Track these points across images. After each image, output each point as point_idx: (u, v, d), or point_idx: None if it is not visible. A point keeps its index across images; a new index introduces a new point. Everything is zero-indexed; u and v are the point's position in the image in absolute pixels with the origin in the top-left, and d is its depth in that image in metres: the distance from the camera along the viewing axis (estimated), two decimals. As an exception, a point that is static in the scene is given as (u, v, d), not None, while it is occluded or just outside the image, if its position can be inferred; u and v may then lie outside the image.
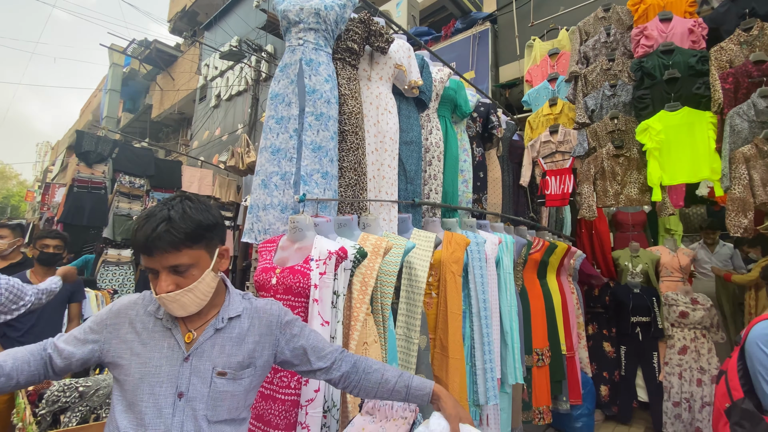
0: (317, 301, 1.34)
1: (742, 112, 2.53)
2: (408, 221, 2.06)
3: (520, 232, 3.10)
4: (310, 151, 1.62)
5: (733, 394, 1.76)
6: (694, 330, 3.48)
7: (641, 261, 3.88)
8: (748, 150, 2.48)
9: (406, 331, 1.80)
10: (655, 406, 3.51)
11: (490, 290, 2.35)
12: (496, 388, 2.15)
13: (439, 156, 2.43)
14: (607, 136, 3.03)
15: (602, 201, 3.02)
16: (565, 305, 3.29)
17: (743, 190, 2.47)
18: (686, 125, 2.71)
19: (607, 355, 3.71)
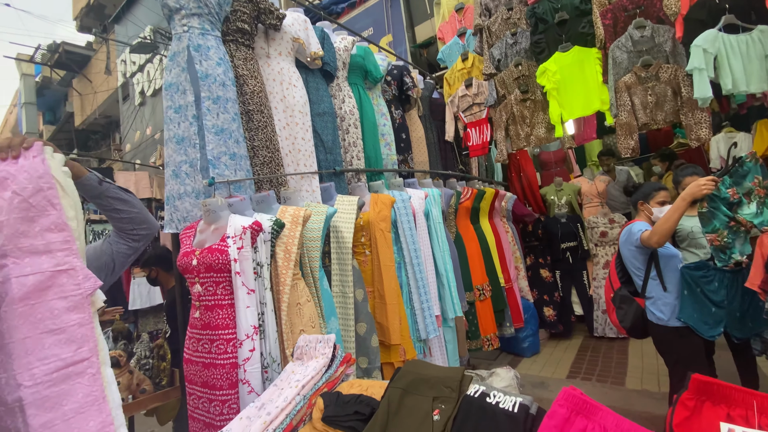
0: (239, 273, 1.45)
1: (621, 45, 2.79)
2: (330, 189, 2.17)
3: (450, 185, 3.31)
4: (213, 135, 1.67)
5: (613, 285, 2.22)
6: (613, 245, 3.92)
7: (565, 193, 4.25)
8: (629, 78, 2.76)
9: (342, 287, 1.95)
10: (589, 316, 3.98)
11: (421, 240, 2.53)
12: (435, 323, 2.38)
13: (356, 123, 2.52)
14: (513, 83, 3.23)
15: (516, 144, 3.27)
16: (500, 244, 3.59)
17: (628, 116, 2.77)
18: (577, 63, 2.95)
19: (545, 281, 4.11)
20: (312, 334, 1.67)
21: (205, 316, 1.46)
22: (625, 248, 2.10)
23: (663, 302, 1.97)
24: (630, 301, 2.07)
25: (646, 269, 2.05)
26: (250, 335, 1.43)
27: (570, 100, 2.97)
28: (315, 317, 1.72)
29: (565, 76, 2.96)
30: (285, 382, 1.29)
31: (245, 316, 1.44)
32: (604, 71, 2.88)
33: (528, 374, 3.31)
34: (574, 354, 3.66)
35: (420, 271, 2.42)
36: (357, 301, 2.00)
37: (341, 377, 1.32)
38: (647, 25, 2.68)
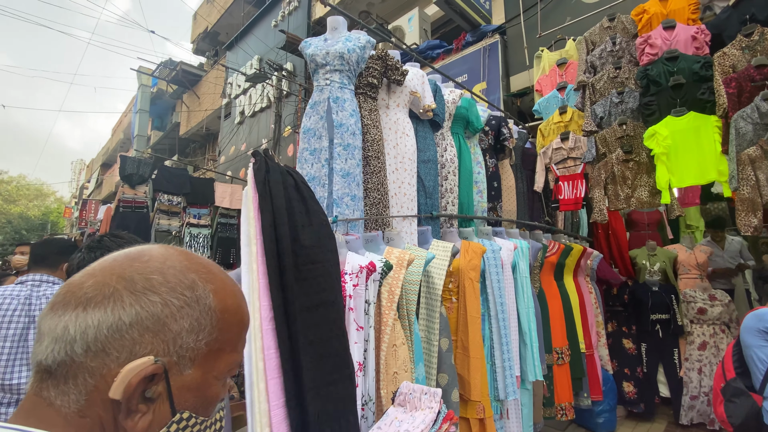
0: (352, 309, 1.54)
1: (746, 115, 2.60)
2: (427, 233, 2.24)
3: (536, 237, 3.23)
4: (340, 178, 1.83)
5: (726, 375, 1.96)
6: (713, 326, 3.51)
7: (659, 259, 3.92)
8: (754, 151, 2.55)
9: (427, 334, 1.97)
10: (677, 400, 3.55)
11: (507, 294, 2.48)
12: (515, 384, 2.29)
13: (454, 171, 2.59)
14: (616, 142, 3.13)
15: (614, 204, 3.12)
16: (583, 305, 3.39)
17: (751, 191, 2.54)
18: (692, 129, 2.79)
19: (628, 352, 3.77)
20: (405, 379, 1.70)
21: (316, 347, 1.56)
22: (748, 336, 1.85)
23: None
24: (745, 395, 1.83)
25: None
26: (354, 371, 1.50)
27: (681, 166, 2.79)
28: (408, 361, 1.76)
29: (677, 142, 2.81)
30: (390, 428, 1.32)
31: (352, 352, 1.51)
32: (723, 141, 2.69)
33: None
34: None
35: (505, 326, 2.36)
36: (441, 350, 2.00)
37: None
38: (781, 97, 2.48)
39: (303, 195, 1.11)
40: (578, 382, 3.14)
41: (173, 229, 5.05)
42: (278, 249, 0.98)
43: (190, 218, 5.27)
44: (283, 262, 0.96)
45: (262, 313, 0.93)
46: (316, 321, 0.98)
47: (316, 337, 0.95)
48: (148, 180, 5.06)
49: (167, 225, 5.10)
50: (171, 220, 5.11)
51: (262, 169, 1.06)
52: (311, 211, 1.10)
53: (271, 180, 1.05)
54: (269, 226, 0.98)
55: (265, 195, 1.02)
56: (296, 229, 1.04)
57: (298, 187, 1.12)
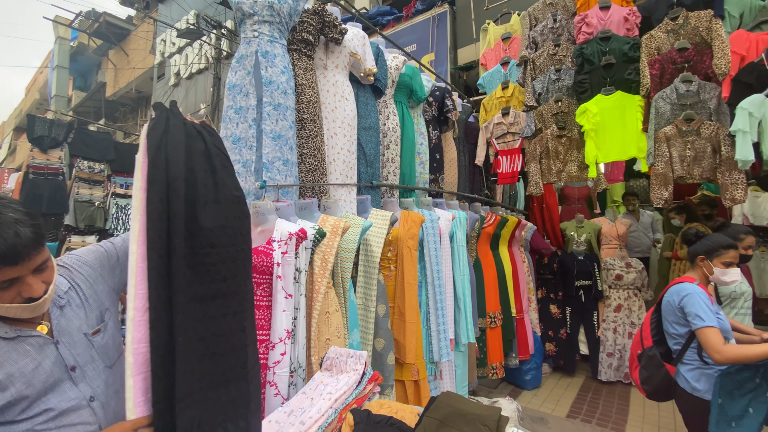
0: (280, 277, 1.49)
1: (666, 96, 2.81)
2: (367, 202, 2.21)
3: (475, 209, 3.33)
4: (270, 140, 1.72)
5: (644, 343, 2.06)
6: (627, 290, 3.91)
7: (585, 231, 4.24)
8: (670, 130, 2.78)
9: (365, 300, 1.99)
10: (594, 357, 3.96)
11: (444, 262, 2.56)
12: (449, 347, 2.40)
13: (396, 140, 2.56)
14: (551, 118, 3.26)
15: (547, 178, 3.29)
16: (516, 273, 3.60)
17: (665, 166, 2.78)
18: (618, 108, 2.97)
19: (553, 316, 4.10)
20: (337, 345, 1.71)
21: (242, 315, 1.50)
22: (668, 309, 1.91)
23: (702, 372, 1.79)
24: (658, 365, 1.92)
25: (689, 338, 1.86)
26: (283, 339, 1.47)
27: (607, 143, 2.99)
28: (341, 328, 1.76)
29: (605, 119, 2.99)
30: (315, 392, 1.31)
31: (281, 320, 1.47)
32: (644, 119, 2.90)
33: (528, 408, 3.30)
34: (575, 393, 3.63)
35: (440, 292, 2.44)
36: (378, 315, 2.03)
37: (369, 395, 1.34)
38: (694, 81, 2.71)
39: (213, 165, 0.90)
40: (509, 344, 3.38)
41: (96, 199, 4.57)
42: (169, 228, 0.82)
43: (116, 188, 4.80)
44: (173, 243, 0.81)
45: (136, 303, 0.79)
46: (211, 314, 0.84)
47: (209, 332, 0.82)
48: (63, 144, 4.49)
49: (89, 195, 4.61)
50: (93, 189, 4.62)
51: (159, 128, 0.86)
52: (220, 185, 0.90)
53: (170, 144, 0.85)
54: (158, 200, 0.80)
55: (158, 163, 0.82)
56: (196, 205, 0.85)
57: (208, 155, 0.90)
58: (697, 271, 1.96)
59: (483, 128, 3.65)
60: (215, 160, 0.91)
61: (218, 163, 0.92)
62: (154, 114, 0.91)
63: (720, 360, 1.63)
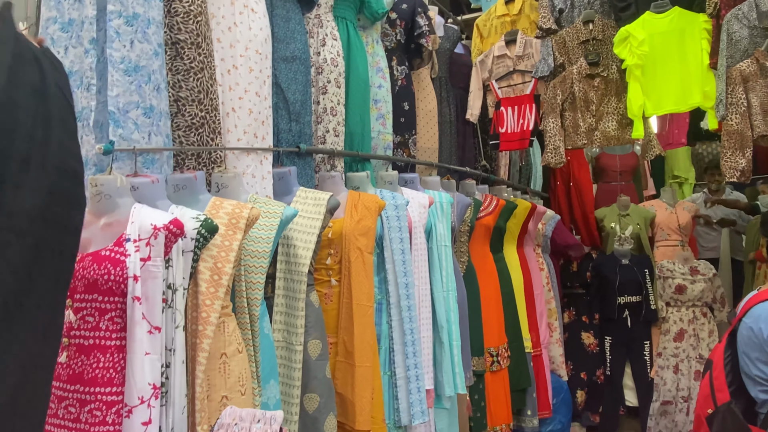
0: (139, 299, 1.43)
1: (742, 15, 2.94)
2: (289, 177, 2.17)
3: (466, 188, 3.38)
4: (121, 75, 1.63)
5: (716, 395, 2.00)
6: (692, 308, 4.11)
7: (632, 221, 4.42)
8: (748, 66, 2.91)
9: (286, 335, 1.96)
10: (645, 410, 4.15)
11: (416, 271, 2.57)
12: (424, 402, 2.42)
13: (339, 80, 2.54)
14: (579, 48, 3.35)
15: (572, 140, 3.39)
16: (530, 287, 3.69)
17: (741, 120, 2.92)
18: (676, 32, 3.09)
19: (587, 350, 4.26)
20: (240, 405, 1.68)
21: (75, 362, 1.43)
22: (749, 341, 1.89)
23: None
24: (741, 428, 1.88)
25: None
26: (146, 399, 1.42)
27: (660, 86, 3.10)
28: (247, 378, 1.73)
29: (657, 50, 3.09)
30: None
31: (142, 368, 1.42)
32: (713, 51, 3.03)
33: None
34: (619, 465, 3.80)
35: (411, 318, 2.46)
36: (309, 358, 2.02)
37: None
38: (783, -7, 2.85)
39: (48, 112, 0.85)
40: (521, 396, 3.46)
41: None
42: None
43: None
44: None
45: None
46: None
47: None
48: None
49: None
50: None
51: None
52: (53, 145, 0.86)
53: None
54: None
55: None
56: (6, 167, 0.82)
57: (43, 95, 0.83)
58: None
59: (477, 64, 3.69)
60: (53, 105, 0.86)
61: (57, 112, 0.87)
62: None
63: None
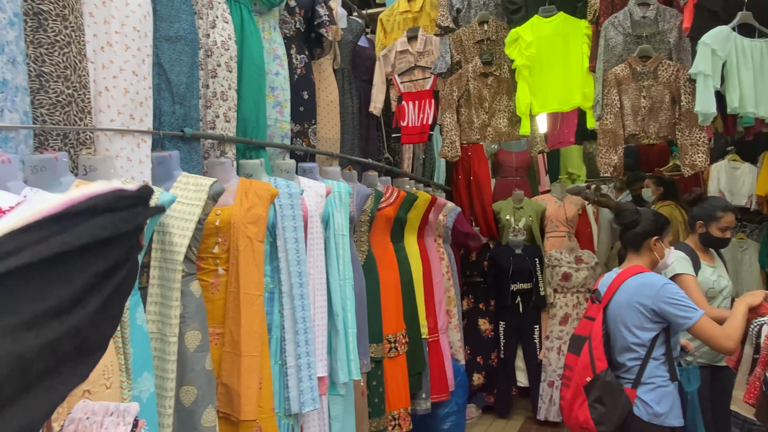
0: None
1: (618, 23, 3.09)
2: (170, 162, 2.03)
3: (368, 180, 3.34)
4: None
5: (596, 365, 2.15)
6: (576, 294, 4.31)
7: (525, 213, 4.57)
8: (622, 70, 3.07)
9: (160, 326, 1.84)
10: (535, 389, 4.31)
11: (311, 260, 2.51)
12: (315, 389, 2.37)
13: (230, 64, 2.41)
14: (474, 47, 3.39)
15: (467, 135, 3.44)
16: (429, 275, 3.72)
17: (614, 120, 3.07)
18: (561, 36, 3.20)
19: (483, 335, 4.37)
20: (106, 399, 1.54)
21: None
22: (630, 311, 2.10)
23: (663, 392, 2.07)
24: (618, 393, 2.08)
25: (651, 345, 2.08)
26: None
27: (545, 86, 3.20)
28: (113, 371, 1.60)
29: (543, 52, 3.19)
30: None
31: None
32: (592, 55, 3.16)
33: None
34: (509, 443, 3.92)
35: (304, 307, 2.40)
36: (187, 349, 1.90)
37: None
38: (653, 4, 3.02)
39: None
40: (417, 379, 3.47)
41: None
42: None
43: None
44: None
45: None
46: None
47: None
48: None
49: None
50: None
51: None
52: None
53: None
54: None
55: None
56: None
57: None
58: (644, 258, 2.21)
59: (381, 58, 3.66)
60: None
61: None
62: None
63: (732, 346, 1.94)
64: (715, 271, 2.59)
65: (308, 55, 3.04)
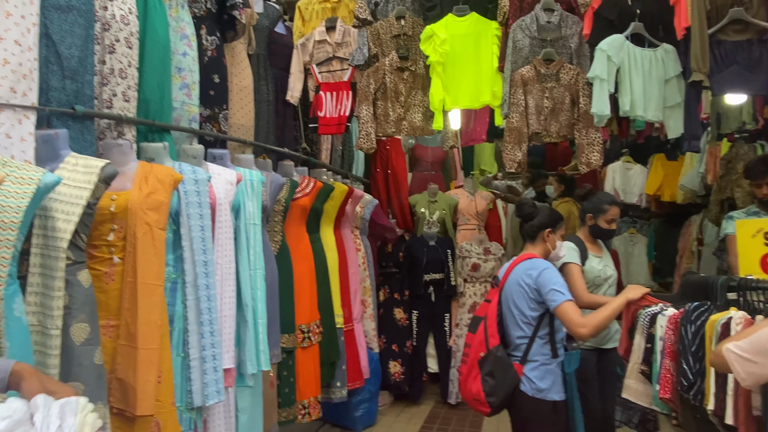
0: None
1: (525, 26, 3.18)
2: (57, 141, 1.85)
3: (284, 170, 3.25)
4: None
5: (489, 341, 2.31)
6: (485, 283, 4.44)
7: (439, 207, 4.65)
8: (528, 71, 3.17)
9: (41, 318, 1.67)
10: (445, 375, 4.41)
11: (219, 249, 2.41)
12: (220, 382, 2.26)
13: (130, 39, 2.22)
14: (391, 41, 3.38)
15: (383, 128, 3.42)
16: (345, 266, 3.68)
17: (519, 119, 3.16)
18: (473, 36, 3.25)
19: (398, 324, 4.39)
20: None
21: None
22: (518, 291, 2.27)
23: (546, 369, 2.23)
24: (507, 366, 2.23)
25: (537, 324, 2.25)
26: None
27: (458, 83, 3.24)
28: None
29: (456, 50, 3.23)
30: None
31: None
32: (501, 55, 3.23)
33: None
34: (418, 427, 3.97)
35: (209, 297, 2.28)
36: (72, 343, 1.74)
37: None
38: (557, 10, 3.13)
39: None
40: (330, 369, 3.43)
41: None
42: None
43: None
44: None
45: None
46: None
47: None
48: None
49: None
50: None
51: None
52: None
53: None
54: None
55: None
56: None
57: None
58: (538, 248, 2.39)
59: (299, 46, 3.56)
60: None
61: None
62: None
63: (586, 333, 2.10)
64: (601, 261, 2.79)
65: (220, 38, 2.88)
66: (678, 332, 1.92)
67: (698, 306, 1.88)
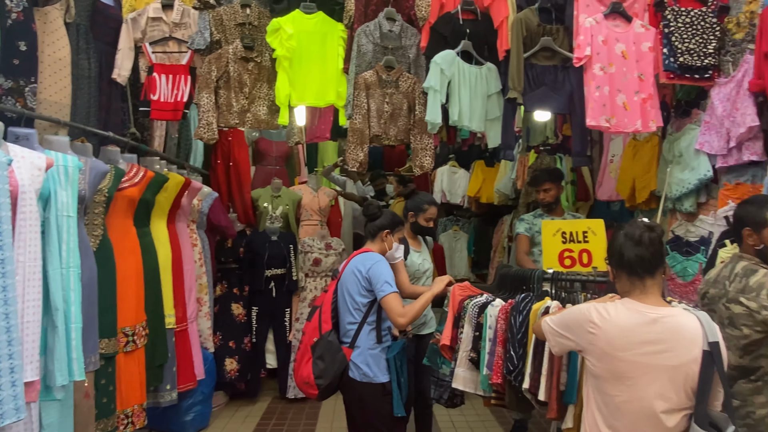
0: None
1: (369, 32, 3.24)
2: None
3: (108, 155, 2.95)
4: None
5: (322, 327, 2.40)
6: (325, 278, 4.45)
7: (282, 202, 4.56)
8: (371, 76, 3.23)
9: None
10: (284, 370, 4.32)
11: (19, 243, 2.08)
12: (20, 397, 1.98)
13: None
14: (235, 29, 3.21)
15: (225, 119, 3.25)
16: (179, 263, 3.41)
17: (362, 121, 3.22)
18: (319, 35, 3.23)
19: (236, 320, 4.20)
20: None
21: None
22: (351, 280, 2.40)
23: (371, 354, 2.36)
24: (336, 350, 2.33)
25: (366, 311, 2.38)
26: None
27: (304, 80, 3.20)
28: None
29: (303, 47, 3.17)
30: None
31: None
32: (347, 57, 3.25)
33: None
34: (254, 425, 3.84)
35: (7, 301, 1.97)
36: None
37: None
38: (398, 20, 3.25)
39: None
40: (157, 373, 3.16)
41: None
42: None
43: None
44: None
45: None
46: None
47: None
48: None
49: None
50: None
51: None
52: None
53: None
54: None
55: None
56: None
57: None
58: (376, 245, 2.53)
59: (129, 21, 3.21)
60: None
61: None
62: None
63: (404, 323, 2.27)
64: (420, 255, 3.02)
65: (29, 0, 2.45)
66: (508, 321, 2.13)
67: (524, 297, 2.14)
